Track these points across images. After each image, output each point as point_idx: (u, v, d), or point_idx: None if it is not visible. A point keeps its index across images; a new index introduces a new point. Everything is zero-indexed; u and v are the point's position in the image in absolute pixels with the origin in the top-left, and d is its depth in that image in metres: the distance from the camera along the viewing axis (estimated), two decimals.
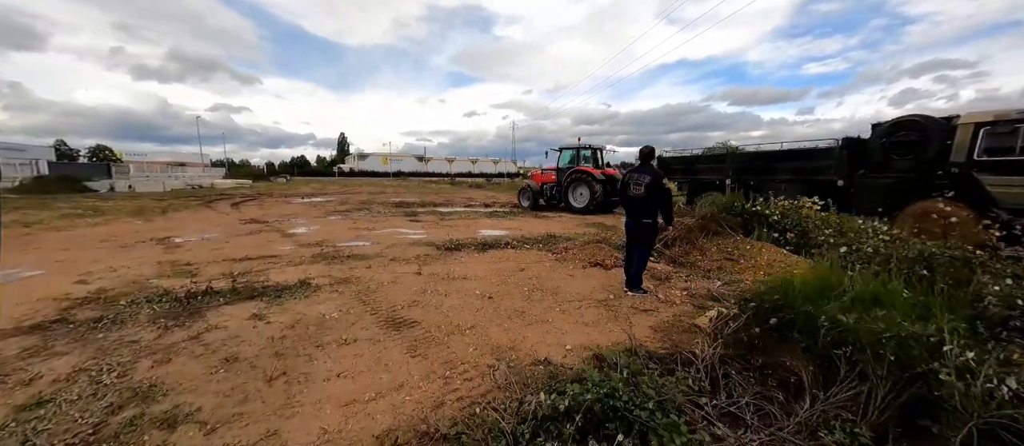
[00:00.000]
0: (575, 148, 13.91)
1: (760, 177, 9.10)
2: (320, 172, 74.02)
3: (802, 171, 8.39)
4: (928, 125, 6.67)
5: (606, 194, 12.68)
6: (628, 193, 4.35)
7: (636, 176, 4.28)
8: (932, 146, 6.55)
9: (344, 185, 36.52)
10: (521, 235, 8.50)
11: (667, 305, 4.10)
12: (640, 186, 4.20)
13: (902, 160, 6.92)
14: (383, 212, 13.40)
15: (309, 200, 18.48)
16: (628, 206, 4.40)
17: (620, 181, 4.54)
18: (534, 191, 14.55)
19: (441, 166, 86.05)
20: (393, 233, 8.89)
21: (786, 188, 8.37)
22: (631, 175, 4.35)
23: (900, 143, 6.94)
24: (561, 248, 6.79)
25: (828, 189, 7.74)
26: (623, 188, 4.43)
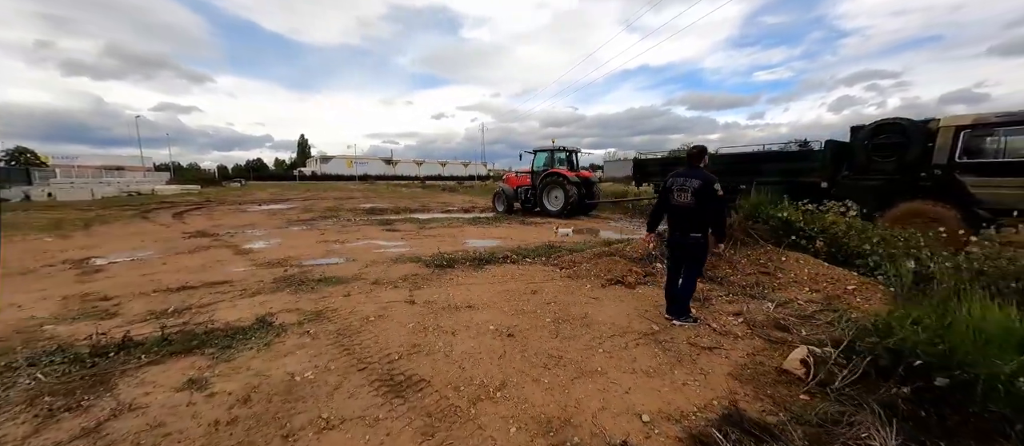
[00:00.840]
0: (549, 150, 13.59)
1: (743, 180, 9.04)
2: (279, 176, 69.73)
3: (786, 173, 8.33)
4: (909, 128, 6.78)
5: (581, 197, 12.54)
6: (672, 201, 3.58)
7: (681, 180, 3.50)
8: (914, 149, 6.66)
9: (306, 190, 34.16)
10: (516, 246, 7.64)
11: (728, 338, 3.38)
12: (687, 192, 3.45)
13: (885, 162, 7.02)
14: (354, 220, 12.12)
15: (267, 207, 16.73)
16: (672, 217, 3.65)
17: (661, 186, 3.79)
18: (508, 195, 14.18)
19: (410, 169, 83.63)
20: (370, 246, 7.77)
21: (767, 190, 8.03)
22: (675, 179, 3.57)
23: (882, 145, 7.03)
24: (568, 261, 5.99)
25: (812, 191, 7.74)
26: (665, 194, 3.69)
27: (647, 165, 12.17)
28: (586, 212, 13.60)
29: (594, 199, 13.53)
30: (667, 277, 3.85)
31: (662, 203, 3.75)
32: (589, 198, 13.25)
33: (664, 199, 3.70)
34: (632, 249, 6.08)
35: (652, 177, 11.92)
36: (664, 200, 3.70)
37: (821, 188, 7.77)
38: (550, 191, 12.94)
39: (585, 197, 12.95)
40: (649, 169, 12.00)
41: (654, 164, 11.96)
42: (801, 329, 3.44)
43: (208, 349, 3.14)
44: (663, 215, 3.78)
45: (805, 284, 4.55)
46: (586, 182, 13.21)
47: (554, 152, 13.54)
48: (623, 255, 5.91)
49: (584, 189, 12.95)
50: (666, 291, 3.85)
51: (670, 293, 3.81)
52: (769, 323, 3.61)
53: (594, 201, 13.59)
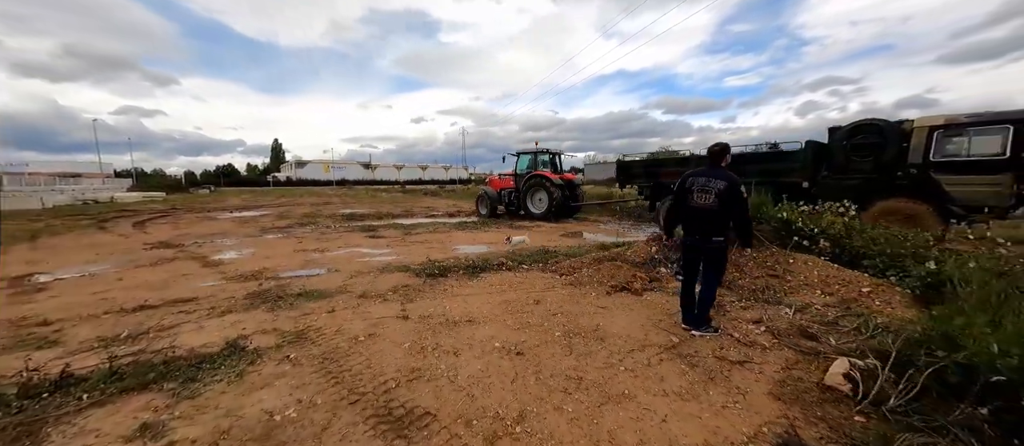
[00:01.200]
0: (533, 153, 13.45)
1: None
2: (251, 182, 67.07)
3: (769, 173, 8.49)
4: (886, 128, 7.01)
5: (565, 199, 12.49)
6: (691, 202, 3.31)
7: (703, 181, 3.23)
8: (890, 149, 6.89)
9: (281, 195, 32.85)
10: (509, 251, 7.30)
11: (755, 349, 3.13)
12: (709, 193, 3.19)
13: (863, 162, 7.24)
14: (333, 227, 11.50)
15: (239, 214, 15.82)
16: (691, 219, 3.36)
17: (677, 185, 3.46)
18: (492, 198, 13.97)
19: (389, 173, 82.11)
20: (353, 255, 7.26)
21: (753, 191, 8.45)
22: (694, 179, 3.30)
23: (860, 146, 7.24)
24: (567, 267, 5.69)
25: (794, 190, 7.90)
26: (683, 194, 3.39)
27: (631, 167, 12.09)
28: (571, 214, 13.55)
29: (578, 201, 13.48)
30: (682, 284, 3.59)
31: (679, 205, 3.47)
32: (573, 200, 13.18)
33: (681, 200, 3.42)
34: (633, 253, 5.84)
35: (636, 179, 11.78)
36: (681, 201, 3.42)
37: (802, 188, 7.94)
38: (534, 194, 12.79)
39: (569, 199, 12.88)
40: (633, 171, 11.93)
41: (638, 166, 11.91)
42: (829, 337, 3.23)
43: (167, 384, 2.66)
44: (680, 217, 3.51)
45: (816, 287, 4.39)
46: (570, 184, 13.16)
47: (537, 154, 13.38)
48: (624, 260, 5.66)
49: (568, 191, 12.87)
50: (682, 299, 3.59)
51: (686, 301, 3.55)
52: (794, 331, 3.39)
53: (578, 203, 13.53)
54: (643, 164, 11.70)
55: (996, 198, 5.91)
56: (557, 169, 13.60)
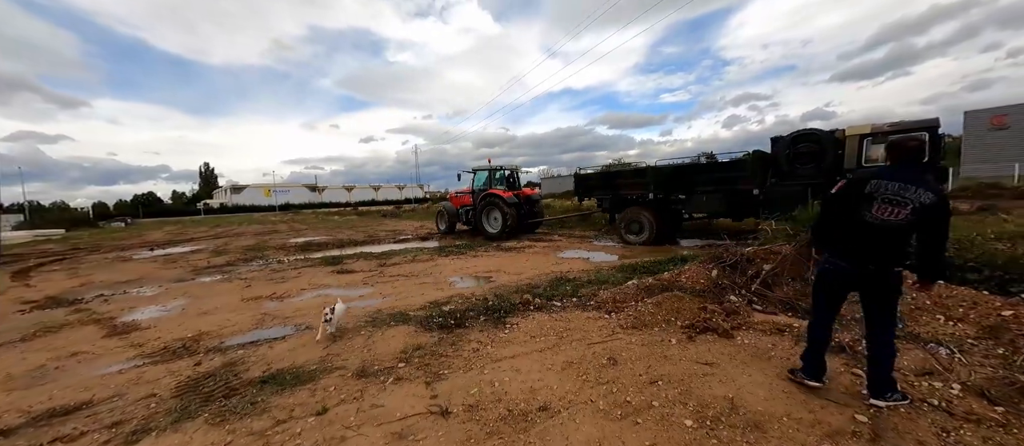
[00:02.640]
0: (487, 170, 13.13)
1: (683, 190, 9.37)
2: (178, 211, 59.89)
3: (722, 182, 8.72)
4: (823, 137, 7.48)
5: (521, 217, 12.32)
6: (869, 215, 2.32)
7: (896, 188, 2.26)
8: (828, 156, 7.35)
9: (216, 225, 29.09)
10: (520, 281, 6.11)
11: (982, 427, 2.20)
12: (903, 207, 2.23)
13: (805, 169, 7.67)
14: (287, 262, 9.60)
15: (164, 252, 13.16)
16: (862, 238, 2.37)
17: (844, 187, 2.47)
18: (451, 213, 14.03)
19: (339, 195, 77.49)
20: (325, 300, 5.68)
21: (708, 200, 8.91)
22: (882, 183, 2.29)
23: (801, 154, 7.68)
24: (611, 301, 4.61)
25: (746, 197, 8.37)
26: (854, 202, 2.38)
27: (588, 179, 11.71)
28: (532, 231, 13.36)
29: (538, 217, 13.27)
30: (813, 326, 2.66)
31: (841, 215, 2.47)
32: (532, 216, 13.02)
33: (849, 210, 2.40)
34: (689, 279, 4.88)
35: (594, 191, 11.51)
36: (849, 211, 2.41)
37: (754, 195, 8.24)
38: (489, 212, 12.45)
39: (527, 216, 12.73)
40: (591, 183, 11.58)
41: (595, 178, 11.58)
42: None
43: None
44: (837, 232, 2.53)
45: (934, 311, 3.65)
46: (528, 200, 12.94)
47: (492, 171, 13.03)
48: (680, 287, 4.68)
49: (525, 208, 12.66)
50: (811, 347, 2.64)
51: (815, 349, 2.62)
52: (998, 383, 2.52)
53: (538, 219, 13.30)
54: (601, 176, 11.41)
55: None
56: (514, 185, 13.35)
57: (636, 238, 9.82)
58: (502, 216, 11.96)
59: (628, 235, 10.00)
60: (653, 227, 9.49)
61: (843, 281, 2.52)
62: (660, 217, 9.57)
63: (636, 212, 9.84)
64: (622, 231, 10.13)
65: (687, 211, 9.60)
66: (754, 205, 8.33)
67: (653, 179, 9.75)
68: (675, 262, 6.60)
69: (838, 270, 2.52)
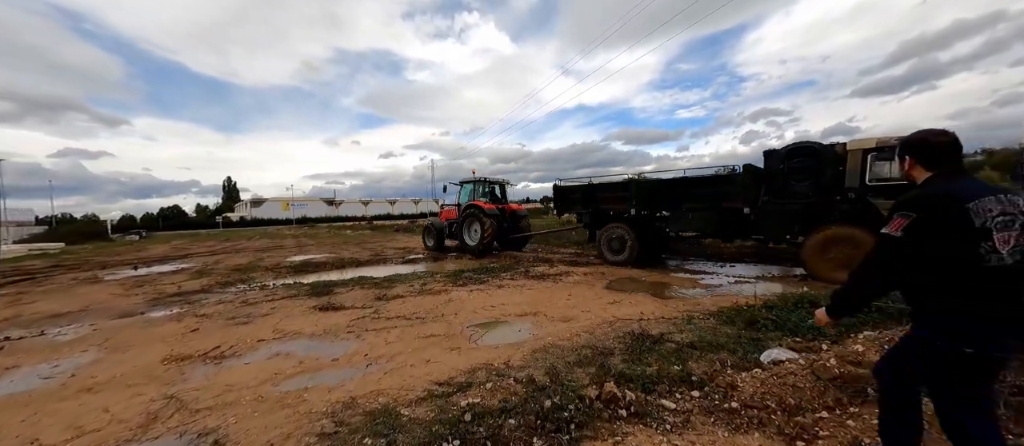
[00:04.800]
0: (473, 182, 12.75)
1: (667, 207, 8.55)
2: (200, 224, 60.28)
3: (711, 198, 7.88)
4: (821, 151, 6.76)
5: (503, 231, 11.99)
6: (989, 256, 1.33)
7: (1005, 205, 1.36)
8: (827, 172, 6.66)
9: (225, 239, 28.03)
10: (579, 339, 4.00)
11: None
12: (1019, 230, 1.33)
13: (801, 186, 6.95)
14: (271, 288, 7.76)
15: (147, 271, 11.60)
16: (989, 292, 1.33)
17: (939, 211, 1.38)
18: (438, 228, 13.46)
19: (355, 209, 77.23)
20: (277, 370, 3.66)
21: (694, 218, 8.18)
22: (984, 201, 1.37)
23: (797, 169, 6.97)
24: (758, 399, 2.46)
25: (736, 216, 7.58)
26: (965, 238, 1.36)
27: (568, 193, 10.41)
28: (518, 247, 12.78)
29: (522, 233, 12.61)
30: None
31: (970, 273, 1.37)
32: (516, 232, 12.42)
33: (959, 250, 1.38)
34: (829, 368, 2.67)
35: (574, 205, 10.33)
36: (960, 253, 1.38)
37: (744, 214, 7.45)
38: (470, 225, 12.03)
39: (510, 231, 12.26)
40: (571, 197, 10.33)
41: (576, 191, 10.22)
42: None
43: None
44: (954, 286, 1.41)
45: None
46: (514, 215, 12.45)
47: (477, 184, 12.62)
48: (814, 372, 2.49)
49: (507, 223, 12.14)
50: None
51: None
52: None
53: (522, 235, 12.64)
54: (581, 189, 10.11)
55: None
56: (499, 199, 12.94)
57: (616, 257, 9.03)
58: (481, 228, 11.47)
59: (608, 253, 9.20)
60: (635, 245, 8.76)
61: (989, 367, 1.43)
62: (643, 235, 8.85)
63: (617, 229, 9.04)
64: (602, 249, 9.35)
65: (672, 229, 8.64)
66: (745, 224, 7.56)
67: (636, 194, 8.85)
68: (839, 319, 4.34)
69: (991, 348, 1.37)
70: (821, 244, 6.53)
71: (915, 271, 1.45)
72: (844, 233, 6.33)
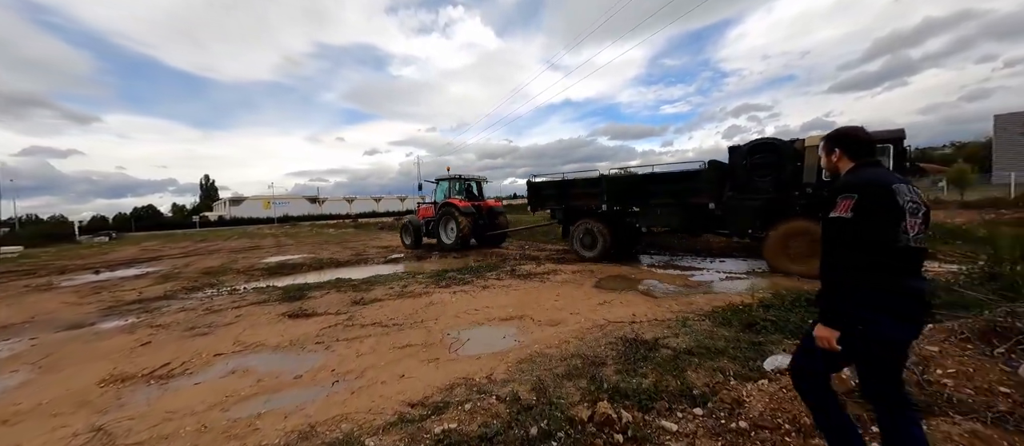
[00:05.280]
0: (448, 179, 12.76)
1: (637, 202, 8.66)
2: (176, 224, 58.16)
3: (677, 194, 8.02)
4: (781, 147, 6.82)
5: (479, 228, 12.12)
6: (906, 239, 1.48)
7: (909, 191, 1.54)
8: (787, 168, 6.72)
9: (200, 240, 26.95)
10: (568, 345, 3.70)
11: None
12: (921, 218, 1.52)
13: (763, 181, 7.01)
14: (241, 292, 7.27)
15: (108, 276, 10.88)
16: (908, 273, 1.50)
17: (870, 197, 1.48)
18: (416, 226, 13.26)
19: (339, 207, 75.68)
20: (230, 393, 3.26)
21: (662, 213, 8.32)
22: (900, 187, 1.53)
23: (759, 165, 7.02)
24: (781, 423, 2.20)
25: (701, 212, 7.72)
26: (888, 221, 1.47)
27: (541, 189, 10.34)
28: (496, 244, 12.84)
29: (500, 229, 12.64)
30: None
31: (876, 240, 1.48)
32: (493, 229, 12.48)
33: (887, 236, 1.48)
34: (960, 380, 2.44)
35: (547, 201, 10.25)
36: (888, 239, 1.48)
37: (709, 209, 7.57)
38: (446, 223, 12.09)
39: (486, 227, 12.36)
40: (544, 193, 10.28)
41: (549, 187, 10.15)
42: None
43: None
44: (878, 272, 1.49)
45: None
46: (491, 212, 12.62)
47: (452, 181, 12.60)
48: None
49: (483, 220, 12.29)
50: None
51: None
52: None
53: (500, 232, 12.66)
54: (554, 185, 10.08)
55: None
56: (475, 196, 13.02)
57: (588, 252, 9.09)
58: (457, 226, 11.46)
59: (580, 249, 9.27)
60: (607, 241, 8.82)
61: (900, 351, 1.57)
62: (614, 230, 8.93)
63: (589, 224, 9.08)
64: (575, 244, 9.41)
65: (642, 225, 8.78)
66: (710, 219, 7.72)
67: (607, 190, 8.92)
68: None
69: (901, 330, 1.52)
70: (781, 238, 6.70)
71: (851, 252, 1.50)
72: (802, 227, 6.49)
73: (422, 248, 13.03)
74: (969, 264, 6.51)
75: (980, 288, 3.83)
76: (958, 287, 4.06)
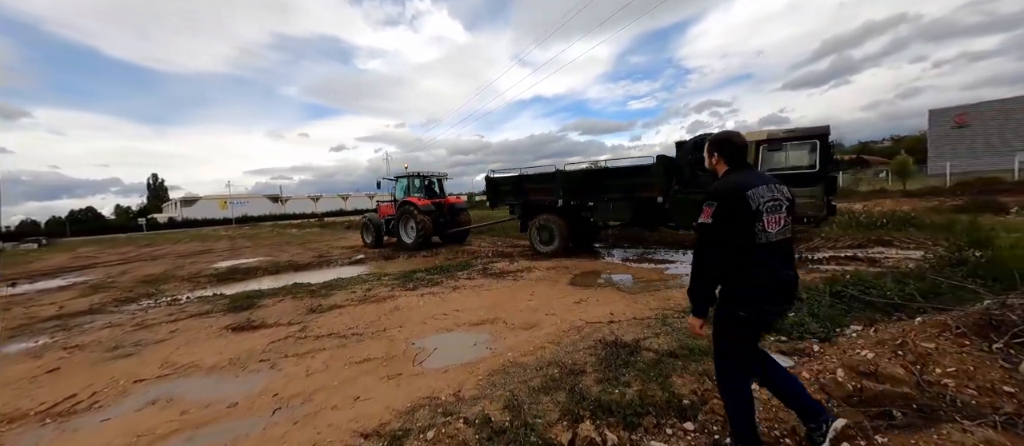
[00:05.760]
0: (407, 177, 12.53)
1: (591, 197, 8.63)
2: (120, 227, 53.70)
3: (628, 189, 8.06)
4: None
5: (439, 226, 12.01)
6: (764, 235, 1.70)
7: (768, 192, 1.73)
8: None
9: (146, 244, 24.84)
10: (544, 351, 3.39)
11: None
12: (782, 214, 1.75)
13: (705, 176, 6.97)
14: (179, 304, 6.51)
15: (23, 289, 9.63)
16: (767, 267, 1.72)
17: (724, 203, 1.72)
18: (377, 224, 13.03)
19: (304, 205, 72.52)
20: (136, 440, 2.73)
21: (615, 208, 8.34)
22: (757, 189, 1.72)
23: (701, 160, 6.97)
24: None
25: (650, 206, 7.77)
26: (748, 221, 1.69)
27: (499, 184, 10.24)
28: (459, 240, 12.69)
29: (462, 226, 12.54)
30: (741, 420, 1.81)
31: (735, 241, 1.71)
32: (455, 226, 12.39)
33: (744, 231, 1.70)
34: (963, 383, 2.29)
35: (506, 197, 10.16)
36: (744, 235, 1.70)
37: (658, 203, 7.61)
38: (405, 222, 11.84)
39: (447, 225, 12.26)
40: (502, 188, 10.19)
41: (507, 183, 10.07)
42: None
43: None
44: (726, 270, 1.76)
45: None
46: (452, 209, 12.55)
47: (412, 179, 12.40)
48: (824, 390, 2.09)
49: (443, 218, 12.19)
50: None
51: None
52: None
53: (462, 229, 12.57)
54: (512, 181, 10.01)
55: (813, 208, 6.17)
56: (440, 193, 12.93)
57: (546, 247, 9.12)
58: (416, 225, 11.31)
59: (538, 244, 9.27)
60: (564, 236, 8.86)
61: (757, 331, 1.86)
62: (570, 225, 8.96)
63: (546, 219, 9.08)
64: (533, 240, 9.38)
65: (597, 219, 8.76)
66: (659, 213, 7.74)
67: (562, 184, 8.85)
68: None
69: (763, 311, 1.74)
70: None
71: (720, 251, 1.71)
72: None
73: (384, 247, 12.73)
74: (929, 251, 6.79)
75: (954, 275, 3.82)
76: (931, 275, 4.06)
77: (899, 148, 44.93)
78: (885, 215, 10.07)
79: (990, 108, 34.41)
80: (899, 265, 5.90)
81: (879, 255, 7.00)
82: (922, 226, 9.06)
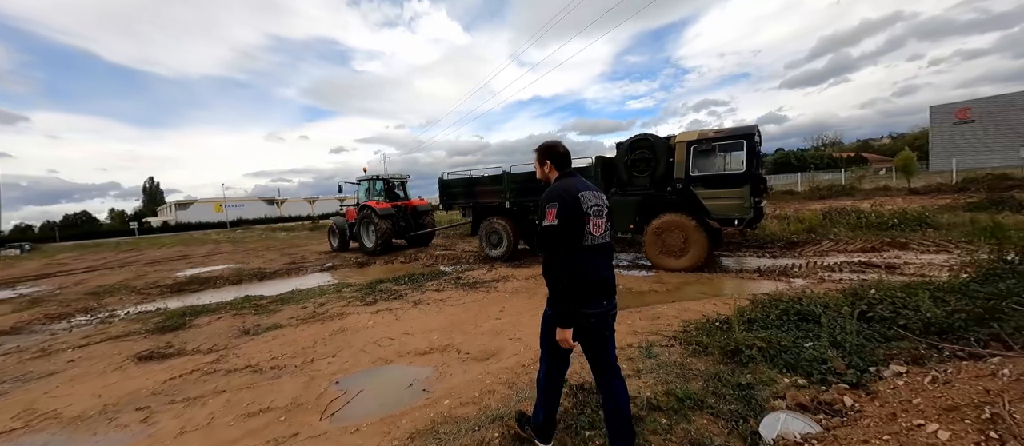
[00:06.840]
0: (368, 180, 12.23)
1: (535, 197, 8.15)
2: (114, 232, 52.98)
3: None
4: (656, 144, 6.83)
5: (400, 229, 11.79)
6: (589, 237, 1.79)
7: (593, 196, 1.85)
8: (661, 164, 6.77)
9: (127, 250, 24.05)
10: (500, 399, 2.61)
11: None
12: (604, 218, 1.88)
13: (641, 177, 7.01)
14: (109, 322, 5.75)
15: None
16: (591, 267, 1.79)
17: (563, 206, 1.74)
18: (342, 228, 12.80)
19: (301, 208, 71.69)
20: None
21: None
22: (585, 193, 1.82)
23: (637, 161, 7.00)
24: None
25: None
26: (578, 223, 1.76)
27: (451, 186, 9.88)
28: (423, 244, 12.62)
29: (425, 229, 12.32)
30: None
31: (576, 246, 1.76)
32: (417, 229, 12.17)
33: (575, 236, 1.76)
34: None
35: (457, 199, 9.84)
36: (576, 238, 1.76)
37: None
38: (366, 226, 11.53)
39: (409, 229, 12.05)
40: (454, 191, 9.84)
41: (458, 185, 9.75)
42: None
43: None
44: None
45: None
46: (414, 211, 12.34)
47: (372, 182, 12.09)
48: None
49: (405, 221, 11.97)
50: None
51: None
52: None
53: (426, 231, 12.35)
54: (463, 183, 9.77)
55: (740, 210, 6.08)
56: (397, 196, 12.55)
57: (495, 251, 8.90)
58: (375, 229, 11.05)
59: (487, 247, 9.06)
60: (511, 239, 8.65)
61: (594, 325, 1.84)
62: (519, 228, 8.78)
63: (495, 222, 8.85)
64: (483, 243, 9.15)
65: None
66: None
67: (509, 187, 8.69)
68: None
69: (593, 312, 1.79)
70: (655, 233, 6.72)
71: (566, 252, 1.72)
72: (673, 221, 6.57)
73: (349, 251, 12.47)
74: (955, 255, 6.00)
75: (1014, 289, 3.03)
76: (978, 288, 3.26)
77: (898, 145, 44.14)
78: (896, 214, 9.31)
79: (994, 103, 33.65)
80: (925, 274, 5.12)
81: (897, 260, 6.22)
82: (939, 226, 8.30)
